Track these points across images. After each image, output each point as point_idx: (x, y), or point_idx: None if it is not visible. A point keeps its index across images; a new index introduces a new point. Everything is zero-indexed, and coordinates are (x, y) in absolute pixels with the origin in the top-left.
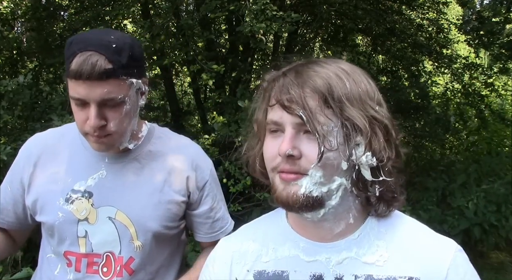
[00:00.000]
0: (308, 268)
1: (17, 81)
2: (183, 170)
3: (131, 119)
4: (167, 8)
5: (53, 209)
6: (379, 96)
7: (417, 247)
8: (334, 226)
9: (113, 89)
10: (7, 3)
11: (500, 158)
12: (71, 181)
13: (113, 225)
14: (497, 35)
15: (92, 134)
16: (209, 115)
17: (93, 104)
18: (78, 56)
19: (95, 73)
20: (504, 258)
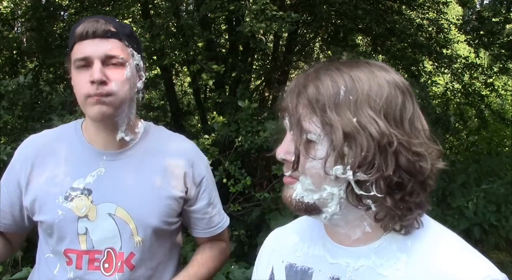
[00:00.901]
0: (330, 269)
1: (17, 81)
2: (181, 166)
3: (131, 88)
4: (167, 8)
5: (52, 207)
6: (391, 104)
7: (441, 270)
8: (350, 232)
9: (116, 48)
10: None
11: (500, 158)
12: (70, 179)
13: (113, 221)
14: (497, 35)
15: (94, 91)
16: (209, 115)
17: (97, 60)
18: (83, 23)
19: (99, 29)
20: (504, 258)
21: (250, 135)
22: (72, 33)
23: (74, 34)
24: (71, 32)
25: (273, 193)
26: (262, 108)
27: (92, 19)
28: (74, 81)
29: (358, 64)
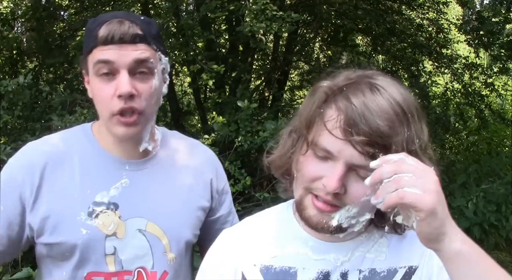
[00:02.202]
0: (316, 265)
1: (17, 81)
2: (206, 173)
3: (157, 102)
4: (167, 8)
5: (73, 226)
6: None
7: (412, 239)
8: (347, 235)
9: (144, 54)
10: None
11: (500, 158)
12: (91, 193)
13: (144, 238)
14: (497, 35)
15: (121, 106)
16: (209, 115)
17: (124, 70)
18: (107, 24)
19: (128, 35)
20: (504, 258)
21: (250, 135)
22: (90, 33)
23: (95, 36)
24: (89, 30)
25: (273, 193)
26: (262, 108)
27: (116, 21)
28: (95, 91)
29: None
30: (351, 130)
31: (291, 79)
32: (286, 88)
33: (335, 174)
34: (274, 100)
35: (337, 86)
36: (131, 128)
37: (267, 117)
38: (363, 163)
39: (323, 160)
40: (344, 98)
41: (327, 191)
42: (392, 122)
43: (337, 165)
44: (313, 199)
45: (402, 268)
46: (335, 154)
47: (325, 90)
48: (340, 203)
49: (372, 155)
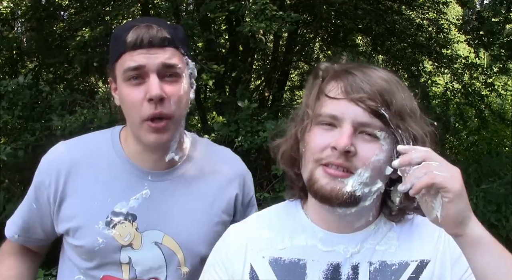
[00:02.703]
0: (325, 257)
1: (17, 81)
2: (232, 187)
3: (186, 105)
4: (167, 8)
5: (91, 233)
6: None
7: (422, 233)
8: (356, 221)
9: (174, 57)
10: (7, 3)
11: (500, 158)
12: (111, 202)
13: (159, 251)
14: (497, 35)
15: (152, 112)
16: (209, 115)
17: (153, 73)
18: (134, 29)
19: (156, 38)
20: None
21: (250, 135)
22: (118, 39)
23: (123, 41)
24: (116, 37)
25: (273, 193)
26: (262, 108)
27: (143, 25)
28: (123, 97)
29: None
30: (352, 90)
31: (291, 79)
32: (286, 88)
33: (344, 133)
34: (274, 100)
35: (334, 68)
36: (162, 134)
37: (267, 117)
38: (368, 120)
39: (328, 130)
40: (343, 72)
41: (338, 152)
42: (389, 82)
43: (344, 126)
44: (324, 168)
45: (413, 262)
46: (339, 116)
47: (324, 70)
48: (351, 167)
49: (375, 112)
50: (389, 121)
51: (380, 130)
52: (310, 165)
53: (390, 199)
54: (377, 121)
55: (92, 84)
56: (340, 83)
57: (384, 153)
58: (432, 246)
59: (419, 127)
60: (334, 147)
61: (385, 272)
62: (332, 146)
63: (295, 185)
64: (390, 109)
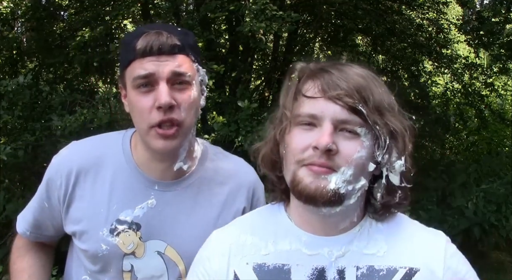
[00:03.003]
0: (310, 261)
1: (17, 81)
2: (241, 200)
3: (196, 113)
4: (167, 8)
5: (95, 239)
6: None
7: (413, 240)
8: (340, 222)
9: (184, 64)
10: (7, 3)
11: (500, 158)
12: (116, 209)
13: (161, 260)
14: (497, 35)
15: (161, 118)
16: (209, 115)
17: (162, 81)
18: (144, 36)
19: (166, 45)
20: (504, 258)
21: (250, 135)
22: (127, 46)
23: (133, 48)
24: (126, 43)
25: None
26: (262, 108)
27: (153, 32)
28: (133, 103)
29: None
30: (329, 88)
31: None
32: None
33: (324, 132)
34: (274, 100)
35: (310, 67)
36: (170, 141)
37: (267, 117)
38: (348, 117)
39: (308, 130)
40: (319, 70)
41: (320, 151)
42: (366, 78)
43: (324, 125)
44: (307, 167)
45: (402, 268)
46: (318, 115)
47: (300, 70)
48: (334, 165)
49: (353, 109)
50: (367, 117)
51: (360, 127)
52: (292, 167)
53: (373, 196)
54: (356, 118)
55: (92, 84)
56: (316, 82)
57: (366, 149)
58: (422, 254)
59: (398, 121)
60: (315, 147)
61: (373, 277)
62: (313, 145)
63: (277, 188)
64: (367, 105)
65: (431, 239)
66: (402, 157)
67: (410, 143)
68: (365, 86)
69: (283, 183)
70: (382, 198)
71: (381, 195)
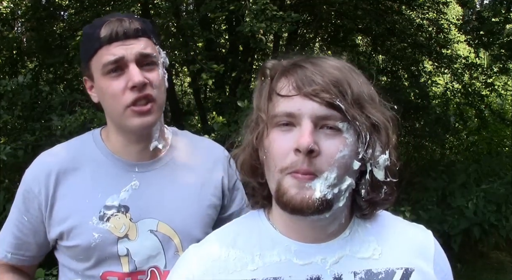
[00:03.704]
0: (303, 271)
1: (17, 81)
2: (217, 171)
3: (165, 91)
4: (167, 8)
5: (86, 230)
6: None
7: (403, 238)
8: (329, 226)
9: (148, 46)
10: (7, 3)
11: (500, 158)
12: (101, 197)
13: (155, 238)
14: (497, 35)
15: (135, 96)
16: (209, 115)
17: (132, 62)
18: (106, 24)
19: (130, 30)
20: (504, 258)
21: None
22: (91, 36)
23: (97, 37)
24: (88, 35)
25: None
26: None
27: (114, 19)
28: (103, 90)
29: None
30: (304, 85)
31: None
32: None
33: (304, 131)
34: None
35: (282, 64)
36: (147, 117)
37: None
38: (328, 113)
39: (287, 131)
40: (292, 66)
41: (302, 155)
42: (342, 70)
43: (303, 123)
44: (292, 175)
45: (399, 270)
46: (296, 113)
47: (272, 68)
48: (316, 170)
49: (331, 104)
50: (345, 112)
51: (341, 121)
52: (276, 176)
53: (358, 194)
54: (335, 113)
55: None
56: (290, 79)
57: (349, 147)
58: (419, 255)
59: (379, 113)
60: (297, 149)
61: None
62: (295, 148)
63: (258, 194)
64: (346, 99)
65: (419, 236)
66: (386, 151)
67: (393, 134)
68: (341, 79)
69: (265, 189)
70: (368, 194)
71: (365, 191)
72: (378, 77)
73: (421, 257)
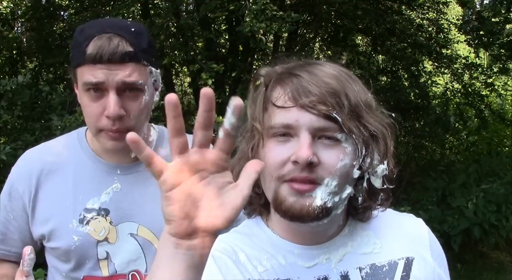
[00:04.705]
0: (310, 273)
1: (17, 81)
2: None
3: (148, 114)
4: (167, 8)
5: (66, 233)
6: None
7: (400, 229)
8: (329, 229)
9: (134, 73)
10: (7, 3)
11: (500, 158)
12: (82, 199)
13: (135, 242)
14: (497, 35)
15: (110, 128)
16: None
17: (112, 90)
18: (96, 39)
19: (117, 54)
20: (504, 258)
21: None
22: (78, 48)
23: (83, 52)
24: (77, 43)
25: None
26: None
27: (105, 36)
28: (83, 105)
29: (334, 63)
30: (300, 96)
31: None
32: None
33: (303, 144)
34: None
35: (277, 71)
36: (119, 142)
37: None
38: (326, 124)
39: (284, 142)
40: (287, 75)
41: (301, 165)
42: (339, 79)
43: (301, 135)
44: (290, 184)
45: (401, 260)
46: (294, 124)
47: (266, 75)
48: (317, 178)
49: (328, 116)
50: (342, 125)
51: (340, 132)
52: (273, 184)
53: (355, 198)
54: (333, 124)
55: None
56: (286, 89)
57: (349, 156)
58: (416, 244)
59: (377, 122)
60: (295, 161)
61: (378, 275)
62: (293, 160)
63: (255, 202)
64: (343, 111)
65: (413, 225)
66: (384, 161)
67: (392, 141)
68: (338, 90)
69: (262, 198)
70: (364, 201)
71: (362, 199)
72: (378, 77)
73: (419, 245)
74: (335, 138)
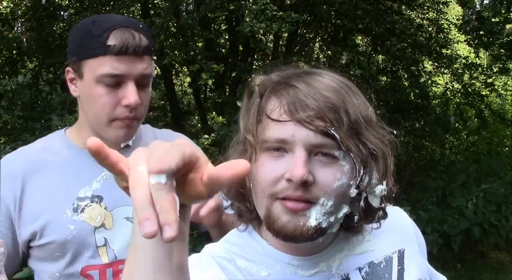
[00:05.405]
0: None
1: (17, 81)
2: None
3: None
4: (167, 8)
5: (61, 224)
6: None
7: (387, 223)
8: (324, 241)
9: (149, 66)
10: (7, 3)
11: (500, 158)
12: (73, 190)
13: (132, 225)
14: (497, 35)
15: (127, 115)
16: (209, 115)
17: (131, 81)
18: (116, 31)
19: (140, 48)
20: (504, 258)
21: None
22: (95, 38)
23: (103, 43)
24: (91, 34)
25: None
26: None
27: (124, 29)
28: (95, 97)
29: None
30: (297, 109)
31: None
32: None
33: (298, 161)
34: None
35: (273, 80)
36: (130, 130)
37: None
38: (323, 141)
39: (278, 157)
40: (283, 85)
41: (295, 184)
42: (338, 91)
43: (296, 151)
44: (282, 202)
45: (394, 254)
46: (289, 139)
47: (261, 84)
48: (312, 197)
49: (325, 132)
50: (340, 143)
51: (337, 150)
52: (265, 202)
53: (350, 214)
54: (331, 141)
55: None
56: (282, 100)
57: (347, 175)
58: (404, 235)
59: (378, 139)
60: (289, 179)
61: (377, 272)
62: (286, 178)
63: (247, 217)
64: (341, 127)
65: (398, 218)
66: (384, 181)
67: (392, 160)
68: (338, 104)
69: (253, 213)
70: (360, 220)
71: (358, 217)
72: (378, 77)
73: (406, 236)
74: (332, 155)
